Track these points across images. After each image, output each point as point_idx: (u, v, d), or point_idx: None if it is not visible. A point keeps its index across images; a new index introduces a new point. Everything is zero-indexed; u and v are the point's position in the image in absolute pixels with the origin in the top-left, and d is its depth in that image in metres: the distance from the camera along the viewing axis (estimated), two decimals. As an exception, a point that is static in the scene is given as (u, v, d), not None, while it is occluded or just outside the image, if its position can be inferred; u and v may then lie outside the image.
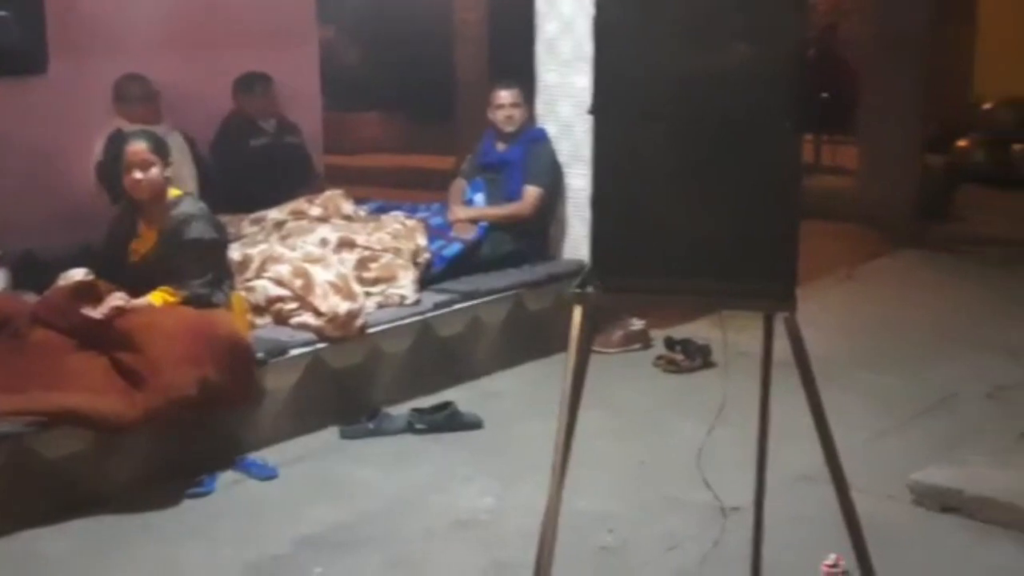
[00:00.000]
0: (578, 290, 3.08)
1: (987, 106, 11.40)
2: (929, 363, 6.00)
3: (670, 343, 6.09)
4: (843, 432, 3.25)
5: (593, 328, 3.22)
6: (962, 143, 10.95)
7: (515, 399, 5.58)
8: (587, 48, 2.94)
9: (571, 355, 3.09)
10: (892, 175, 9.14)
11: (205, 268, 4.76)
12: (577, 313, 3.07)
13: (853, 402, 5.18)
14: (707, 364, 5.89)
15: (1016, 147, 10.94)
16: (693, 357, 5.95)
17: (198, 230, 4.73)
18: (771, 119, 2.85)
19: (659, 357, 6.08)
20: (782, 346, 3.06)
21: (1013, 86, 11.18)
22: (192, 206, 4.85)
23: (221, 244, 4.97)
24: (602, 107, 2.92)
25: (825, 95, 10.19)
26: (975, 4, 11.25)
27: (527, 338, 6.09)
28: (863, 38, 10.16)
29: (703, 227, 2.95)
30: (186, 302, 4.67)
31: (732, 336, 4.17)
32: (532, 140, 6.51)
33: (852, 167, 10.49)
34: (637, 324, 6.33)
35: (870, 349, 6.29)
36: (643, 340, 6.34)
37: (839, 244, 8.59)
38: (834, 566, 3.77)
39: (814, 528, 3.88)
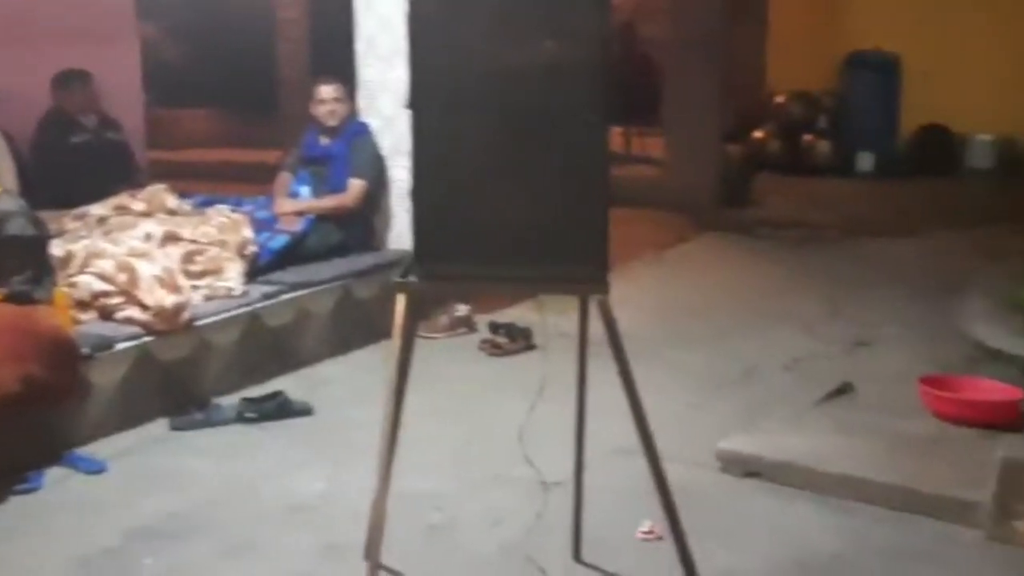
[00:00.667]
0: (401, 279, 3.08)
1: (779, 99, 11.77)
2: (732, 338, 6.19)
3: (494, 327, 6.14)
4: (654, 406, 3.32)
5: (418, 315, 3.22)
6: (758, 134, 11.30)
7: (345, 385, 5.53)
8: (405, 44, 2.91)
9: (396, 342, 3.09)
10: (695, 164, 9.40)
11: (25, 265, 4.57)
12: (400, 301, 3.07)
13: (664, 377, 5.30)
14: (529, 346, 5.95)
15: (806, 137, 11.35)
16: (516, 340, 6.01)
17: (17, 227, 4.55)
18: (578, 112, 2.89)
19: (484, 341, 6.11)
20: (599, 326, 3.11)
21: (802, 81, 11.61)
22: (11, 203, 4.67)
23: (41, 241, 4.78)
24: (418, 101, 2.91)
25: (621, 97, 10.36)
26: (765, 5, 11.65)
27: (355, 326, 6.05)
28: (664, 37, 10.39)
29: (518, 216, 2.97)
30: (6, 299, 4.47)
31: (552, 318, 4.22)
32: (355, 134, 6.47)
33: (659, 157, 10.73)
34: (462, 309, 6.35)
35: (679, 327, 6.45)
36: (468, 325, 6.36)
37: (648, 229, 8.77)
38: (649, 532, 3.87)
39: (630, 497, 3.95)
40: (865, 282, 7.35)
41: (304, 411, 5.10)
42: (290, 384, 5.39)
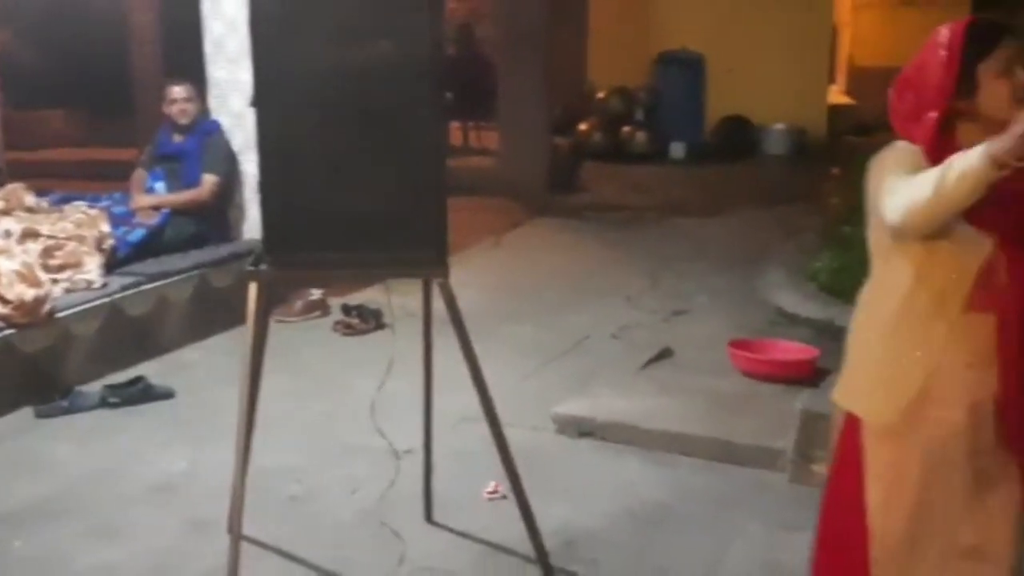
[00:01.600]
0: (252, 268, 3.00)
1: (600, 95, 11.94)
2: (565, 312, 6.23)
3: (346, 309, 6.04)
4: (495, 377, 3.32)
5: (270, 301, 3.15)
6: (582, 126, 11.45)
7: (204, 369, 5.36)
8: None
9: (249, 327, 3.01)
10: (527, 155, 9.44)
11: None
12: (252, 288, 2.99)
13: (503, 350, 5.31)
14: (380, 326, 5.88)
15: (625, 128, 11.54)
16: (367, 320, 5.93)
17: None
18: (414, 108, 2.87)
19: (337, 322, 6.02)
20: (443, 306, 3.09)
21: (620, 78, 11.78)
22: None
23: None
24: (261, 100, 2.84)
25: (450, 95, 10.33)
26: (584, 9, 11.79)
27: (214, 313, 5.87)
28: (495, 38, 10.41)
29: (362, 206, 2.93)
30: None
31: (401, 300, 4.18)
32: (206, 132, 6.29)
33: (495, 149, 10.75)
34: (316, 294, 6.24)
35: (516, 304, 6.47)
36: (322, 308, 6.25)
37: (487, 216, 8.78)
38: (494, 491, 3.87)
39: (476, 461, 3.94)
40: (680, 257, 7.50)
41: (166, 395, 4.93)
42: (152, 370, 5.20)
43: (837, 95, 13.62)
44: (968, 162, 2.11)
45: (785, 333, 5.55)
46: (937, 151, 2.24)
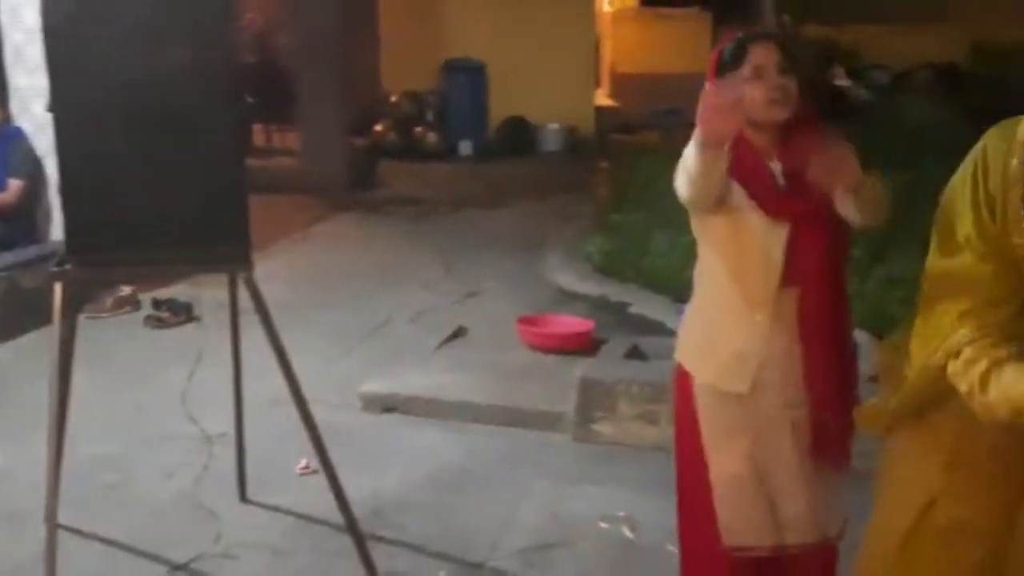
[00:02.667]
0: (56, 268, 2.81)
1: (393, 99, 11.87)
2: (367, 299, 6.16)
3: (157, 303, 5.77)
4: (304, 361, 3.24)
5: (78, 299, 2.96)
6: (378, 127, 11.33)
7: (16, 368, 5.00)
8: (48, 53, 2.64)
9: (56, 325, 2.82)
10: (326, 154, 9.28)
11: None
12: (57, 288, 2.80)
13: (310, 336, 5.19)
14: (191, 319, 5.64)
15: (417, 129, 11.50)
16: (177, 314, 5.68)
17: None
18: (213, 111, 2.75)
19: (148, 316, 5.74)
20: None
21: (410, 83, 11.74)
22: None
23: None
24: (58, 105, 2.67)
25: (251, 99, 10.07)
26: (376, 19, 11.68)
27: (24, 313, 5.46)
28: (292, 46, 10.16)
29: (166, 206, 2.80)
30: None
31: (213, 292, 4.02)
32: (10, 138, 5.89)
33: (296, 149, 10.50)
34: (126, 290, 5.92)
35: (321, 293, 6.34)
36: (132, 303, 5.94)
37: (291, 212, 8.55)
38: (305, 467, 3.79)
39: (287, 441, 3.83)
40: (471, 246, 7.53)
41: (-22, 395, 4.58)
42: (-37, 372, 4.83)
43: (603, 98, 13.99)
44: (689, 145, 2.17)
45: (565, 309, 5.66)
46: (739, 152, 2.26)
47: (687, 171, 2.21)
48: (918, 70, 13.44)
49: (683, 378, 2.46)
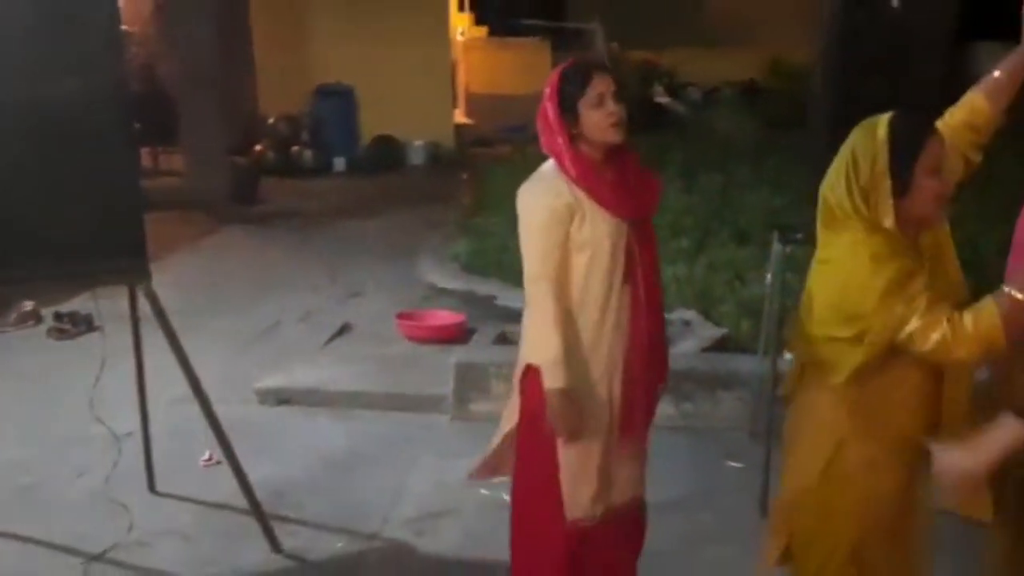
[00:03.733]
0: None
1: (271, 120, 11.62)
2: (259, 303, 6.01)
3: (58, 316, 5.48)
4: (201, 363, 3.15)
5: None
6: (258, 147, 11.05)
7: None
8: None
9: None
10: (210, 173, 8.99)
11: None
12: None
13: (206, 340, 5.01)
14: (92, 328, 5.36)
15: (294, 148, 11.28)
16: (79, 325, 5.41)
17: None
18: (106, 135, 2.64)
19: (50, 328, 5.44)
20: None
21: (286, 106, 11.52)
22: None
23: None
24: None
25: (138, 125, 9.61)
26: (251, 49, 11.42)
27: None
28: (174, 76, 9.80)
29: (65, 224, 2.69)
30: None
31: (115, 303, 3.83)
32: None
33: (182, 169, 10.13)
34: (28, 305, 5.60)
35: (215, 300, 6.14)
36: (35, 317, 5.62)
37: (181, 228, 8.22)
38: (209, 459, 3.69)
39: (191, 436, 3.73)
40: (350, 252, 7.42)
41: None
42: None
43: (461, 116, 14.03)
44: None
45: (439, 304, 5.66)
46: (575, 165, 2.28)
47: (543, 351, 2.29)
48: (725, 87, 14.03)
49: (530, 373, 2.42)
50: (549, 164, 2.36)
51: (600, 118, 2.28)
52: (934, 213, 1.94)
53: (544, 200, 2.31)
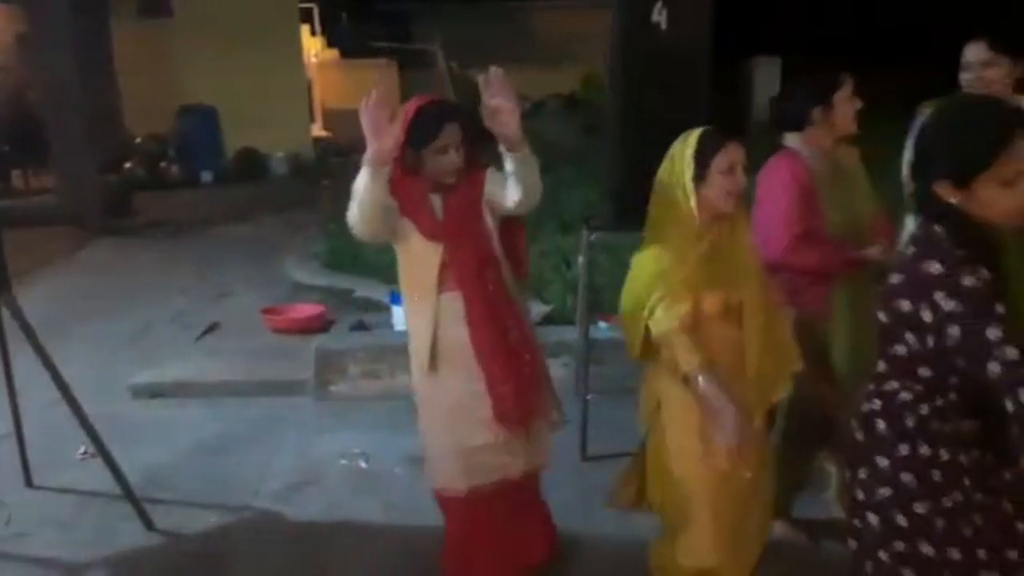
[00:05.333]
0: None
1: (139, 139, 11.06)
2: (132, 308, 5.72)
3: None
4: (78, 364, 3.02)
5: None
6: (127, 164, 10.50)
7: None
8: None
9: None
10: (82, 190, 8.45)
11: None
12: None
13: (83, 344, 4.78)
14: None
15: (162, 164, 10.79)
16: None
17: None
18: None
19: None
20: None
21: (153, 125, 11.00)
22: None
23: None
24: None
25: (7, 147, 8.95)
26: (113, 73, 10.84)
27: None
28: (40, 100, 9.15)
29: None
30: None
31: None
32: None
33: (55, 188, 9.47)
34: None
35: (90, 307, 5.79)
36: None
37: (56, 242, 7.70)
38: (84, 453, 3.51)
39: (68, 434, 3.51)
40: (220, 256, 7.16)
41: None
42: None
43: (319, 130, 13.75)
44: (359, 176, 2.14)
45: (302, 299, 5.56)
46: (403, 184, 2.25)
47: (357, 197, 2.15)
48: (549, 99, 14.39)
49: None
50: None
51: (444, 163, 2.23)
52: (725, 205, 2.09)
53: None
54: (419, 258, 2.33)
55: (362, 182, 2.14)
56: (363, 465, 3.49)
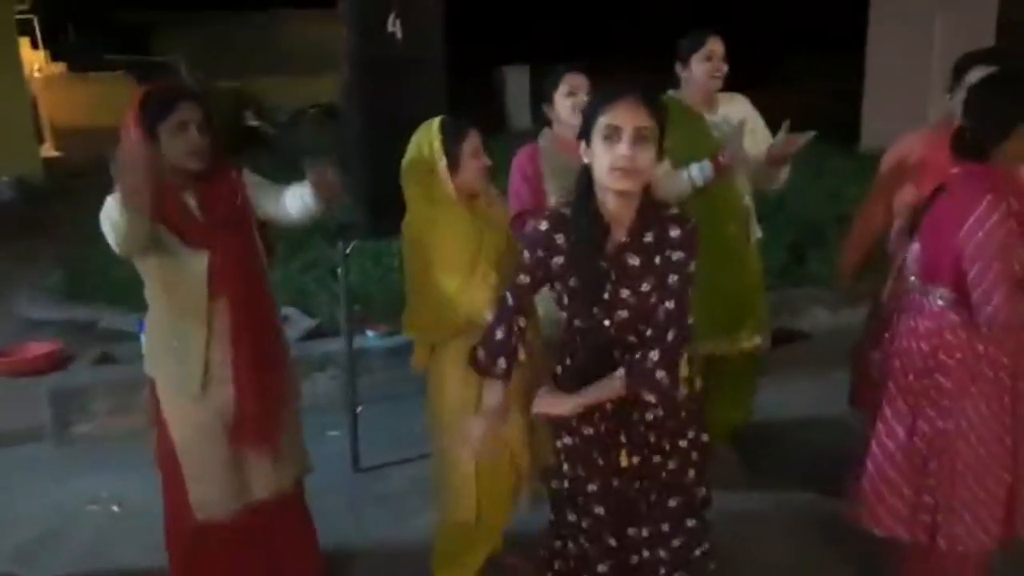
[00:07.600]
0: None
1: None
2: None
3: None
4: None
5: None
6: None
7: None
8: None
9: None
10: None
11: None
12: None
13: None
14: None
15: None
16: None
17: None
18: None
19: None
20: None
21: None
22: None
23: None
24: None
25: None
26: None
27: None
28: None
29: None
30: None
31: None
32: None
33: None
34: None
35: None
36: None
37: None
38: None
39: None
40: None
41: None
42: None
43: (49, 149, 12.46)
44: (113, 199, 2.09)
45: (36, 336, 4.97)
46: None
47: (114, 225, 2.05)
48: (310, 108, 14.10)
49: (153, 386, 2.32)
50: None
51: (179, 145, 2.15)
52: (479, 184, 2.31)
53: None
54: (182, 267, 2.20)
55: (121, 223, 2.05)
56: (115, 509, 3.22)
